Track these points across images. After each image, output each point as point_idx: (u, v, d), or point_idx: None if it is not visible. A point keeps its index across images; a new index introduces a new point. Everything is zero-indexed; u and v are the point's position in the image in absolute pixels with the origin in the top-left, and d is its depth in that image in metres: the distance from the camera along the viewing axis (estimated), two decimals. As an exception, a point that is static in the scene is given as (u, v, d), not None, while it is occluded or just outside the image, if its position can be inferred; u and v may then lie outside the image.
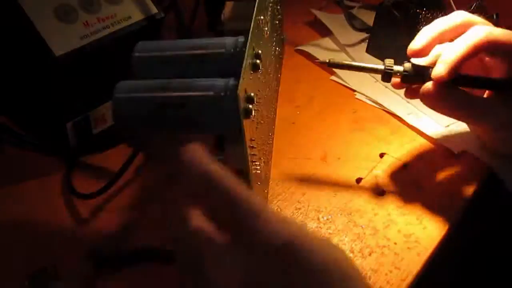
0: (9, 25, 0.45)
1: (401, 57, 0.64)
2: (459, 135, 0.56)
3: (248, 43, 0.38)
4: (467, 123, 0.54)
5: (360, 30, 0.71)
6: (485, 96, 0.50)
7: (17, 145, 0.53)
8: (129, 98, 0.40)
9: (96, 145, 0.51)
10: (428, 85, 0.46)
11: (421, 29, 0.48)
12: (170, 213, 0.30)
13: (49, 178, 0.50)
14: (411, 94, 0.50)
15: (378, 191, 0.50)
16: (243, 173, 0.38)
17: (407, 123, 0.58)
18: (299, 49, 0.69)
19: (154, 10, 0.50)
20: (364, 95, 0.62)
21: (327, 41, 0.70)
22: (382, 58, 0.67)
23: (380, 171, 0.52)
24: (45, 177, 0.50)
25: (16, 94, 0.53)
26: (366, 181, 0.51)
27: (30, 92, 0.50)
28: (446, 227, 0.47)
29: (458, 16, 0.49)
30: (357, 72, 0.65)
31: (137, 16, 0.49)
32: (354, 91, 0.63)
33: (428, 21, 0.63)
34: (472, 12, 0.58)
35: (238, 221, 0.28)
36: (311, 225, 0.47)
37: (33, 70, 0.47)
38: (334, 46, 0.69)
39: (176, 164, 0.29)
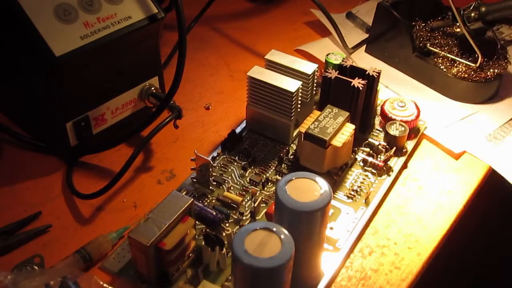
0: (9, 25, 0.45)
1: (401, 56, 0.64)
2: (459, 135, 0.56)
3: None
4: None
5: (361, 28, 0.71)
6: None
7: (17, 145, 0.53)
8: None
9: (96, 145, 0.51)
10: None
11: (419, 29, 0.48)
12: None
13: (49, 178, 0.50)
14: None
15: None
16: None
17: (407, 123, 0.58)
18: (299, 49, 0.69)
19: (154, 10, 0.50)
20: (364, 95, 0.62)
21: (327, 41, 0.70)
22: (381, 58, 0.67)
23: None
24: (45, 177, 0.50)
25: (16, 94, 0.53)
26: (366, 181, 0.51)
27: (30, 92, 0.50)
28: (446, 227, 0.47)
29: None
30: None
31: (137, 16, 0.49)
32: (354, 91, 0.63)
33: (427, 21, 0.64)
34: (470, 13, 0.58)
35: None
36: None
37: (33, 70, 0.47)
38: (334, 46, 0.69)
39: None
